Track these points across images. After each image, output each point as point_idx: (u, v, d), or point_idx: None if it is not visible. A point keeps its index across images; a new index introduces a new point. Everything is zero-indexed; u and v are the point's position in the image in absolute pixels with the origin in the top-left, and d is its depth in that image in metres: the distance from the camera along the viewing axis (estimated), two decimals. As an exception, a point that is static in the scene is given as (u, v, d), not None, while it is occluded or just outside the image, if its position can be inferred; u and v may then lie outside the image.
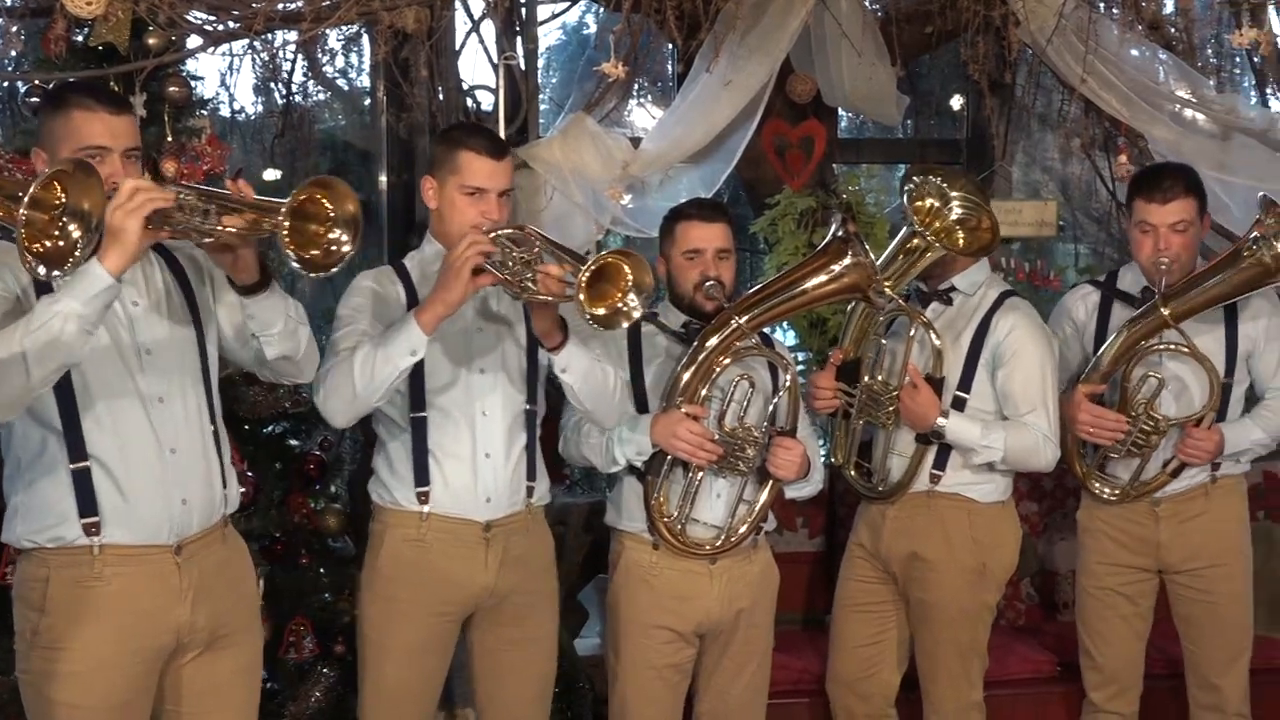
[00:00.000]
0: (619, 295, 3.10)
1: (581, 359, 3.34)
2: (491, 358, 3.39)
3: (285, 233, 2.65)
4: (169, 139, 3.80)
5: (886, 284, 3.67)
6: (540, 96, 5.29)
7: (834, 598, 4.09)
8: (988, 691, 4.02)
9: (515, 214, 4.55)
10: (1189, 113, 4.92)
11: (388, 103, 4.82)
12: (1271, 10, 4.86)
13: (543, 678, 3.59)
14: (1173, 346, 3.82)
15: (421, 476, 3.35)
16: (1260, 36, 4.47)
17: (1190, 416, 3.86)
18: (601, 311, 3.08)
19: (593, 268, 3.03)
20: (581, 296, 3.01)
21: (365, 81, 5.66)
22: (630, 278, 3.10)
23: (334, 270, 2.76)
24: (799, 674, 4.26)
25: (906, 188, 3.83)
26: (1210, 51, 5.24)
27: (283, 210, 2.65)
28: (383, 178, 4.99)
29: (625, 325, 3.15)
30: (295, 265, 2.70)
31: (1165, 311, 3.78)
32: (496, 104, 4.51)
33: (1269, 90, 5.24)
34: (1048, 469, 3.88)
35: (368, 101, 5.56)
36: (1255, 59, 5.17)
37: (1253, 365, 3.96)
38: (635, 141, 4.75)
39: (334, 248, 2.75)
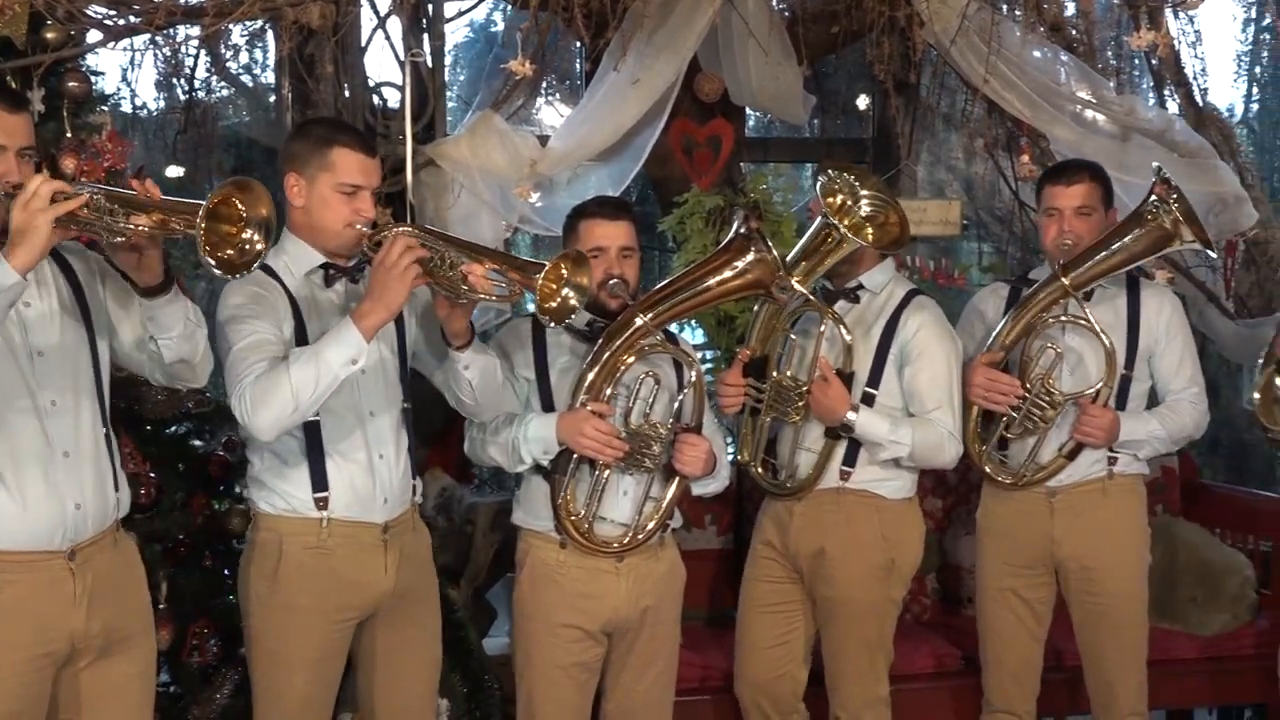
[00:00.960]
0: (557, 289, 3.13)
1: (481, 356, 3.34)
2: (371, 358, 3.31)
3: (202, 235, 2.61)
4: (68, 135, 3.73)
5: (795, 279, 3.69)
6: (447, 94, 5.27)
7: (739, 598, 4.10)
8: (893, 686, 4.05)
9: (422, 212, 4.55)
10: (1089, 113, 5.01)
11: (293, 99, 4.77)
12: (1169, 13, 4.95)
13: (434, 674, 3.58)
14: (1073, 319, 3.86)
15: (319, 482, 3.29)
16: (1158, 39, 4.55)
17: (1085, 391, 3.90)
18: (553, 305, 3.12)
19: (545, 269, 3.09)
20: (535, 294, 3.06)
21: (270, 78, 5.60)
22: (566, 273, 3.14)
23: (249, 270, 2.74)
24: (705, 671, 4.27)
25: (820, 180, 3.86)
26: (1110, 53, 5.33)
27: (200, 213, 2.60)
28: (288, 175, 4.93)
29: (573, 315, 3.18)
30: (213, 268, 2.66)
31: (1065, 280, 3.82)
32: (403, 101, 4.48)
33: (1166, 92, 5.35)
34: (950, 466, 3.94)
35: (272, 98, 5.51)
36: (1153, 61, 5.27)
37: (1154, 365, 4.01)
38: (543, 140, 4.75)
39: (247, 247, 2.72)
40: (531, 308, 3.41)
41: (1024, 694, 4.11)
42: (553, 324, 3.17)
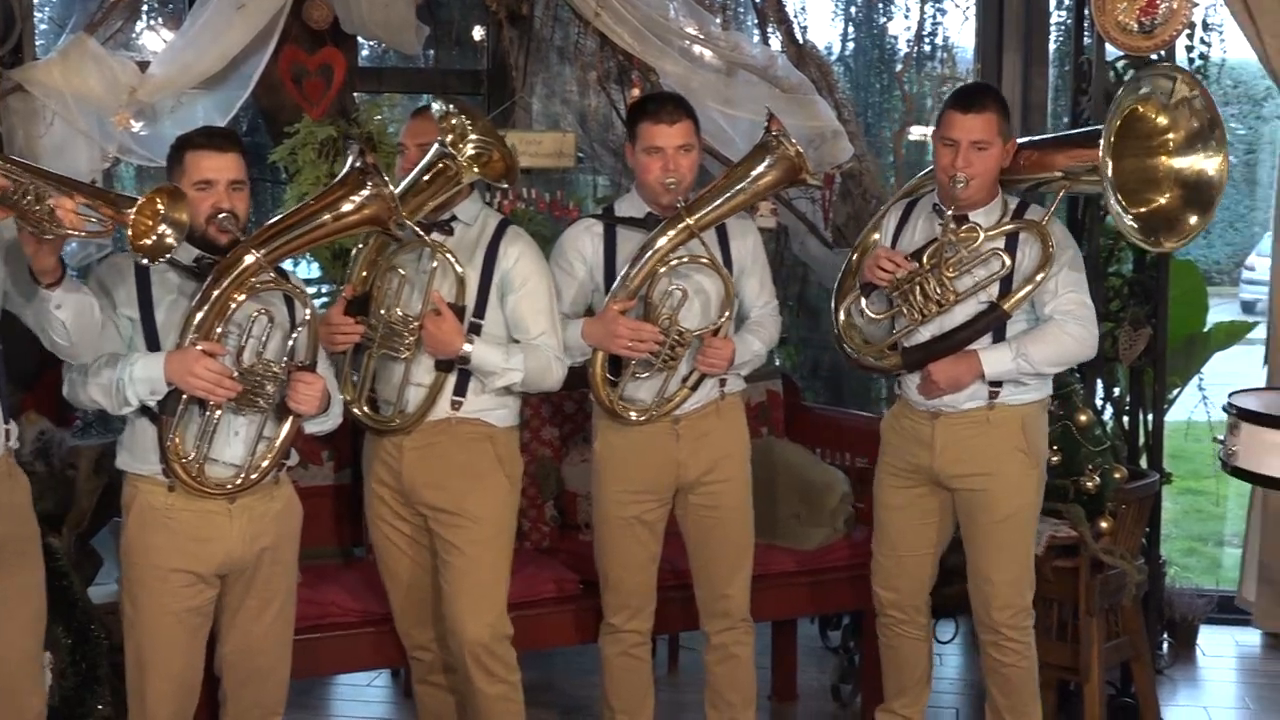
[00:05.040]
0: (153, 225, 3.02)
1: (74, 294, 3.20)
2: None
3: None
4: None
5: (403, 214, 3.66)
6: (37, 15, 4.99)
7: (371, 539, 4.09)
8: (515, 612, 4.10)
9: (11, 141, 4.30)
10: (697, 49, 5.16)
11: None
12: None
13: (37, 628, 3.43)
14: (697, 259, 3.97)
15: None
16: (763, -23, 4.71)
17: (709, 326, 4.02)
18: (147, 243, 3.01)
19: (138, 204, 2.98)
20: (129, 231, 2.96)
21: None
22: (162, 209, 3.03)
23: None
24: (325, 609, 4.22)
25: (436, 109, 3.84)
26: (717, -9, 5.47)
27: None
28: None
29: (168, 255, 3.08)
30: None
31: (690, 221, 3.93)
32: (-13, 21, 4.21)
33: (769, 29, 5.55)
34: (556, 388, 4.03)
35: None
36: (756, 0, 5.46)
37: (741, 287, 4.17)
38: (143, 65, 4.56)
39: None
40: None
41: (643, 611, 4.25)
42: (147, 261, 3.08)
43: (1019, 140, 4.21)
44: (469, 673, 3.95)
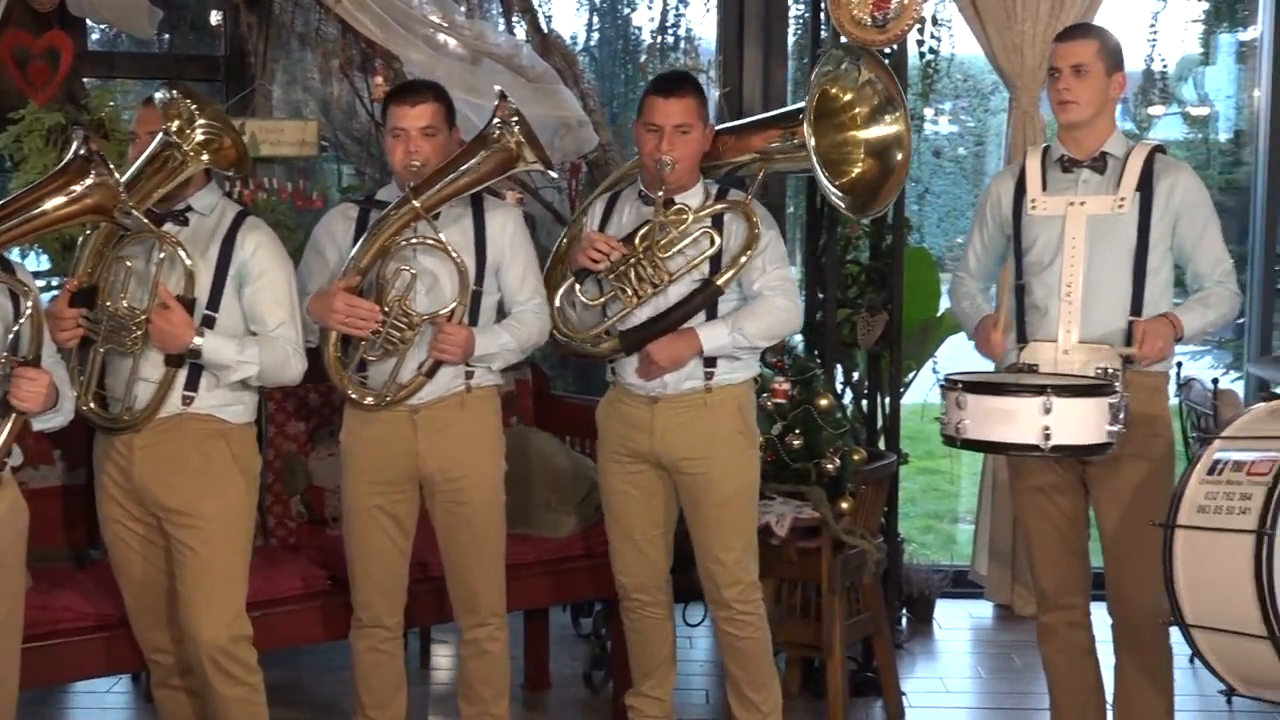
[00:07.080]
0: None
1: None
2: None
3: None
4: None
5: (130, 204, 3.55)
6: None
7: (103, 538, 3.97)
8: (261, 611, 4.05)
9: None
10: (441, 37, 5.13)
11: None
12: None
13: None
14: (424, 241, 3.95)
15: None
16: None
17: (439, 311, 3.99)
18: None
19: None
20: None
21: None
22: None
23: None
24: (59, 613, 4.05)
25: (159, 97, 3.76)
26: (460, -22, 5.45)
27: None
28: None
29: None
30: None
31: (416, 203, 3.91)
32: None
33: (514, 19, 5.55)
34: (296, 381, 3.96)
35: None
36: (501, -11, 5.47)
37: (501, 279, 4.14)
38: None
39: None
40: None
41: (392, 606, 4.20)
42: None
43: (717, 127, 4.39)
44: (207, 675, 3.85)
